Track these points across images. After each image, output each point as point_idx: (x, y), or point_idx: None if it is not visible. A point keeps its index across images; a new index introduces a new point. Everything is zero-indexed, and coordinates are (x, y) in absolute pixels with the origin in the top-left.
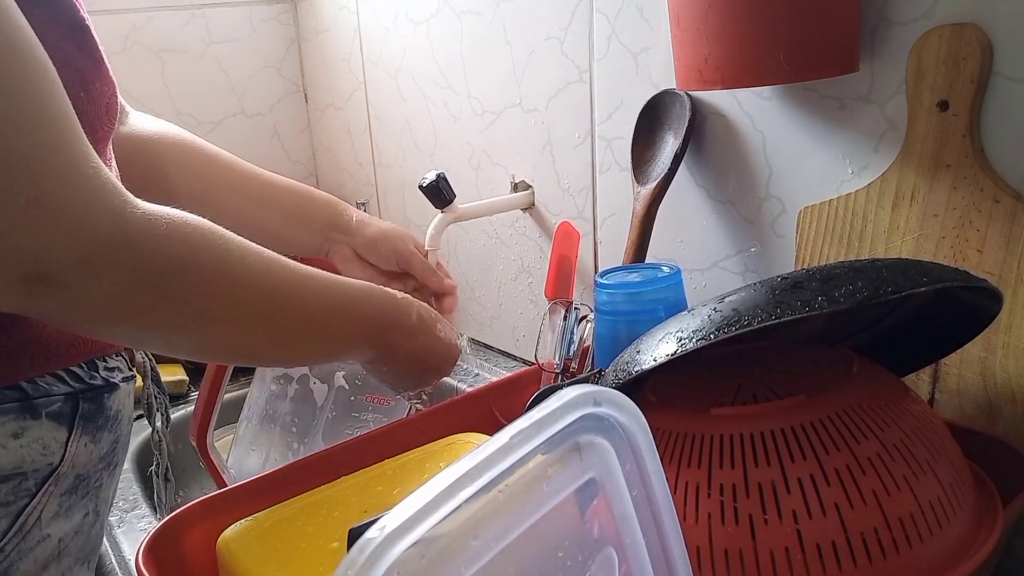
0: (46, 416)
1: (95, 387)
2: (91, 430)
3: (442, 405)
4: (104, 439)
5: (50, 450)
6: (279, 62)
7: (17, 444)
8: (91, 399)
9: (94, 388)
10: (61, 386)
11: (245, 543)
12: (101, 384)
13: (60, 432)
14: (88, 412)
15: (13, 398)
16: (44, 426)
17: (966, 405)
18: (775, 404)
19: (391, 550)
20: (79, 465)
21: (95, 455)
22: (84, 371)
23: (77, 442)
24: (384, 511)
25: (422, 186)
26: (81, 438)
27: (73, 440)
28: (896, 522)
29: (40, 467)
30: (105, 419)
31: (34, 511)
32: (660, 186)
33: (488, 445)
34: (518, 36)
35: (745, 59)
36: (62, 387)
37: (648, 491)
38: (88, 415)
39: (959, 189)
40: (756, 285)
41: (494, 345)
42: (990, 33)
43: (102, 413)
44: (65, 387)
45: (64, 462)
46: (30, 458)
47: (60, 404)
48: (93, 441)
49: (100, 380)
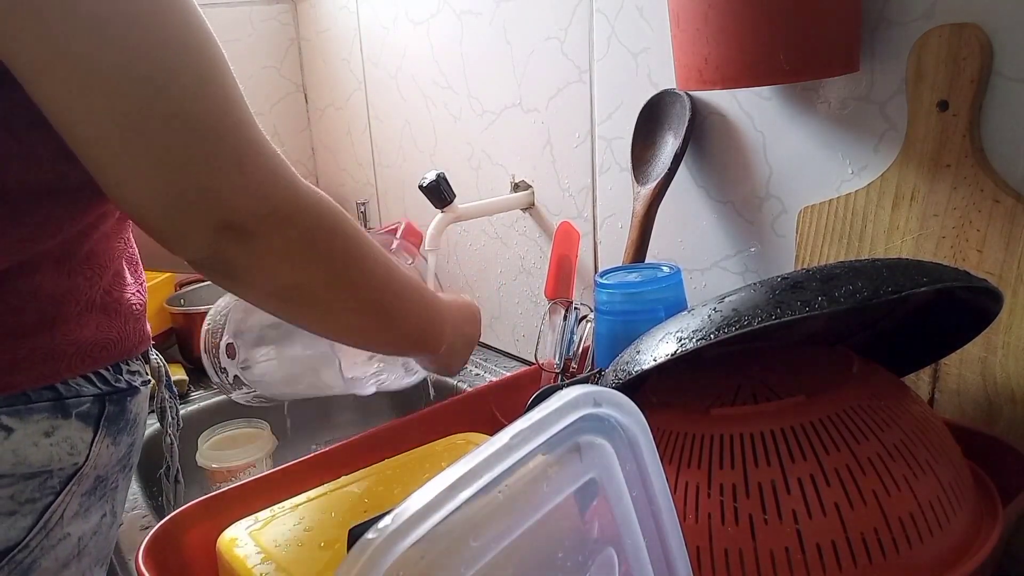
0: (76, 416)
1: (120, 390)
2: (113, 432)
3: (442, 405)
4: (123, 441)
5: (77, 450)
6: (279, 62)
7: (48, 442)
8: (116, 401)
9: (119, 391)
10: (90, 387)
11: (245, 543)
12: (125, 387)
13: (87, 432)
14: (112, 414)
15: (47, 397)
16: (73, 426)
17: (966, 405)
18: (775, 404)
19: (391, 550)
20: (100, 466)
21: (114, 457)
22: (110, 374)
23: (101, 443)
24: (384, 511)
25: (422, 186)
26: (104, 439)
27: (97, 441)
28: (896, 522)
29: (66, 466)
30: (126, 422)
31: (58, 509)
32: (660, 186)
33: (488, 445)
34: (518, 36)
35: (745, 59)
36: (91, 388)
37: (648, 491)
38: (112, 417)
39: (959, 189)
40: (756, 285)
41: (494, 345)
42: (990, 33)
43: (123, 416)
44: (94, 389)
45: (88, 462)
46: (58, 456)
47: (89, 405)
48: (114, 443)
49: (124, 383)
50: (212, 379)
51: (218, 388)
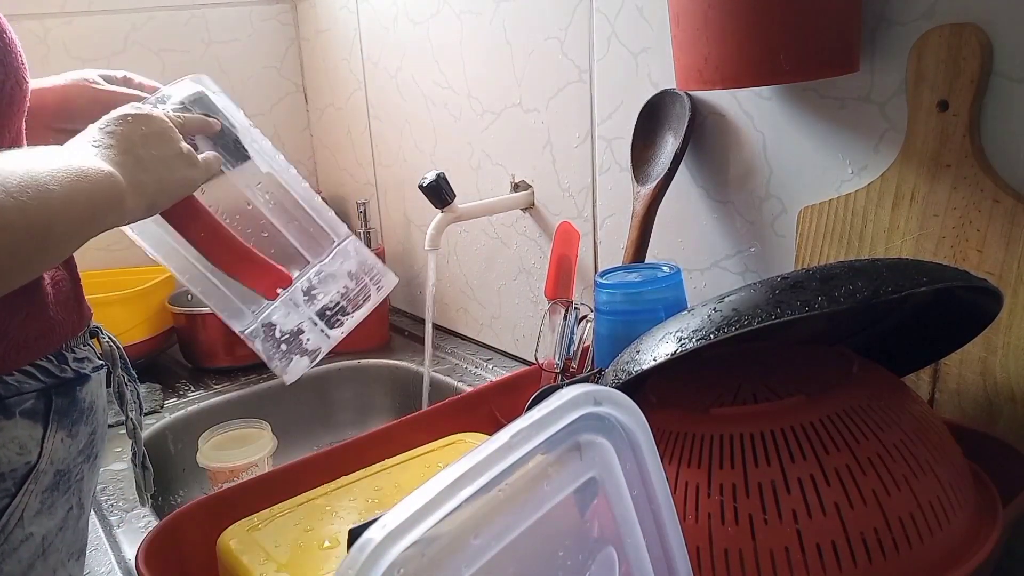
0: (20, 415)
1: (66, 380)
2: (67, 424)
3: (442, 405)
4: (81, 432)
5: (27, 449)
6: (279, 62)
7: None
8: (63, 393)
9: (65, 381)
10: (32, 383)
11: (245, 543)
12: (72, 376)
13: (35, 430)
14: (62, 407)
15: None
16: (18, 425)
17: (966, 405)
18: (775, 404)
19: (391, 550)
20: (58, 461)
21: (73, 449)
22: (54, 364)
23: (53, 438)
24: (384, 511)
25: (422, 186)
26: (57, 433)
27: (49, 436)
28: (896, 522)
29: (18, 467)
30: (80, 412)
31: (15, 511)
32: (660, 186)
33: (488, 445)
34: (518, 36)
35: (745, 59)
36: (33, 383)
37: (648, 491)
38: (62, 410)
39: (959, 189)
40: (756, 285)
41: (494, 345)
42: (990, 33)
43: (76, 406)
44: (36, 383)
45: (42, 459)
46: (6, 459)
47: (33, 401)
48: (70, 435)
49: (71, 372)
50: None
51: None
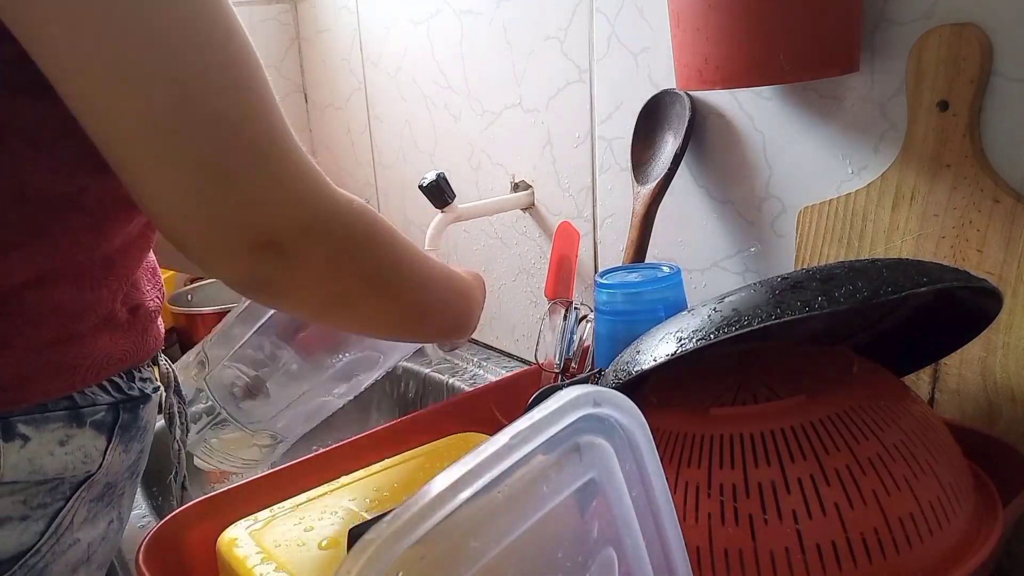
0: (90, 425)
1: (133, 398)
2: (126, 440)
3: (442, 405)
4: (134, 448)
5: (91, 459)
6: (279, 62)
7: (63, 451)
8: (129, 409)
9: (132, 399)
10: (105, 396)
11: (245, 543)
12: (138, 395)
13: (100, 441)
14: (126, 422)
15: (63, 406)
16: (87, 434)
17: (966, 405)
18: (775, 404)
19: (391, 550)
20: (111, 473)
21: (124, 464)
22: (124, 382)
23: (114, 451)
24: (384, 511)
25: (422, 186)
26: (117, 447)
27: (111, 449)
28: (896, 522)
29: (79, 474)
30: (138, 429)
31: (68, 515)
32: (660, 186)
33: (488, 445)
34: (518, 36)
35: (745, 59)
36: (106, 397)
37: (648, 491)
38: (125, 425)
39: (959, 189)
40: (756, 285)
41: (494, 345)
42: (990, 33)
43: (136, 423)
44: (109, 397)
45: (100, 470)
46: (72, 465)
47: (103, 414)
48: (125, 451)
49: (136, 391)
50: None
51: None
